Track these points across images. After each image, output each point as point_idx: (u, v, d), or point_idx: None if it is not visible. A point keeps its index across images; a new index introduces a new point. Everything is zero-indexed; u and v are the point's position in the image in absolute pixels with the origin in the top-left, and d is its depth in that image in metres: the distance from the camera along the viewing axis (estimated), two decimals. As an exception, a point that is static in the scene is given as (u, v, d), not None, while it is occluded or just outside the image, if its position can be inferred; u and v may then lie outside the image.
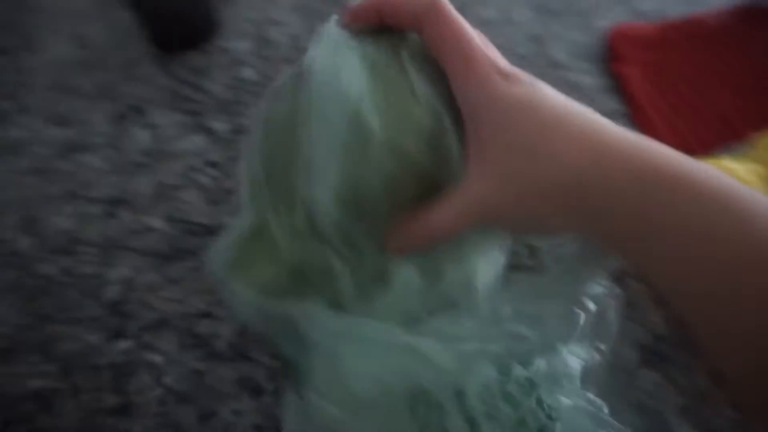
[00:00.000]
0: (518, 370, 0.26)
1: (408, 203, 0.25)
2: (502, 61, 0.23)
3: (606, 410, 0.26)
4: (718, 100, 0.47)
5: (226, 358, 0.36)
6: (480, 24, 0.60)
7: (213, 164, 0.48)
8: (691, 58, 0.51)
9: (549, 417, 0.26)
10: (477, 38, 0.24)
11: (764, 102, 0.47)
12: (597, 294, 0.26)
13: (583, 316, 0.25)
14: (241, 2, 0.63)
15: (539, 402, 0.26)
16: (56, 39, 0.61)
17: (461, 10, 0.24)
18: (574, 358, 0.27)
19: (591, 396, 0.26)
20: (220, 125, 0.51)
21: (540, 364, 0.27)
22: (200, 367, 0.36)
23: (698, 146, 0.44)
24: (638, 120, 0.47)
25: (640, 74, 0.49)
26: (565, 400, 0.26)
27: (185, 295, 0.39)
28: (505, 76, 0.23)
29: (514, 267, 0.29)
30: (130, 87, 0.55)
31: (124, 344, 0.37)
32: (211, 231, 0.43)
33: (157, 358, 0.37)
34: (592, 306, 0.26)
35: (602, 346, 0.27)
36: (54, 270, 0.42)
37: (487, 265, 0.27)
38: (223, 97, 0.53)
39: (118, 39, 0.60)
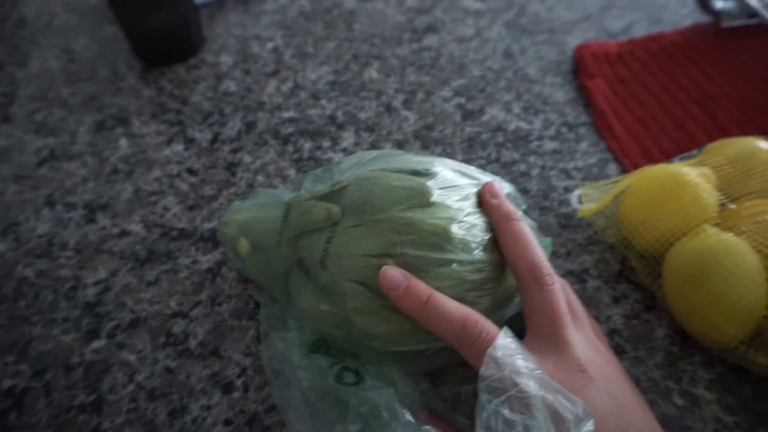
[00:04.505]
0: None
1: None
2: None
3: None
4: (678, 111, 0.49)
5: (198, 356, 0.37)
6: (458, 41, 0.62)
7: (192, 171, 0.49)
8: (653, 72, 0.53)
9: None
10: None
11: (719, 113, 0.49)
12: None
13: None
14: (228, 19, 0.65)
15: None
16: (44, 52, 0.62)
17: (440, 28, 0.25)
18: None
19: None
20: (200, 135, 0.52)
21: None
22: (172, 365, 0.36)
23: (658, 153, 0.46)
24: (602, 129, 0.49)
25: (605, 87, 0.52)
26: None
27: (160, 296, 0.40)
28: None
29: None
30: (114, 98, 0.56)
31: (98, 344, 0.38)
32: (187, 235, 0.44)
33: (131, 357, 0.37)
34: None
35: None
36: (30, 273, 0.42)
37: None
38: (205, 108, 0.55)
39: (106, 53, 0.62)
